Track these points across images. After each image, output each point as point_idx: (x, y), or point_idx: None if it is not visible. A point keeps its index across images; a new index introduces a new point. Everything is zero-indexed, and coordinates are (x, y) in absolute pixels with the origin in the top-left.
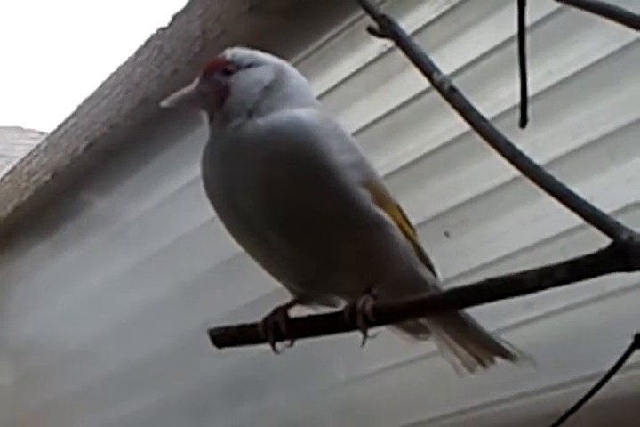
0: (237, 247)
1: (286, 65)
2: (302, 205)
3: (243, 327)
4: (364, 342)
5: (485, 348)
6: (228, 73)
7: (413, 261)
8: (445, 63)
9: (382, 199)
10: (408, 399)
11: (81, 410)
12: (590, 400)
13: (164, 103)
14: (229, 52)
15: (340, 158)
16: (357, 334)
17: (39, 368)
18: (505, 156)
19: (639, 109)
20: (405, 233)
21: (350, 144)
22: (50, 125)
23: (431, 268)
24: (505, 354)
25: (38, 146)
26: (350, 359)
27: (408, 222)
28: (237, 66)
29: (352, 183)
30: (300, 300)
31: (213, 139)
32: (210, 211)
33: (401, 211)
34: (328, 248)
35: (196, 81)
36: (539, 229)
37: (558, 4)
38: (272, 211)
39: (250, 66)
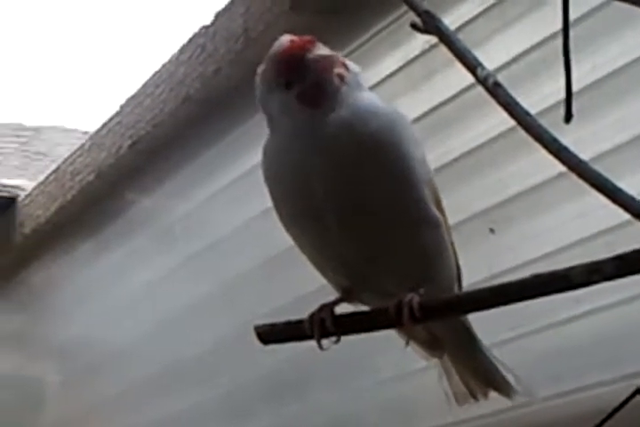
0: (281, 245)
1: None
2: (372, 193)
3: (288, 324)
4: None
5: (484, 379)
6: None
7: (455, 270)
8: (489, 58)
9: (437, 200)
10: None
11: (125, 409)
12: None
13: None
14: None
15: (417, 153)
16: None
17: (84, 368)
18: (550, 151)
19: None
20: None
21: (419, 141)
22: (93, 125)
23: (460, 282)
24: (502, 389)
25: (82, 145)
26: (395, 356)
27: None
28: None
29: (422, 180)
30: (345, 298)
31: (302, 115)
32: (254, 208)
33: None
34: (385, 243)
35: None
36: (585, 225)
37: None
38: (341, 195)
39: None
